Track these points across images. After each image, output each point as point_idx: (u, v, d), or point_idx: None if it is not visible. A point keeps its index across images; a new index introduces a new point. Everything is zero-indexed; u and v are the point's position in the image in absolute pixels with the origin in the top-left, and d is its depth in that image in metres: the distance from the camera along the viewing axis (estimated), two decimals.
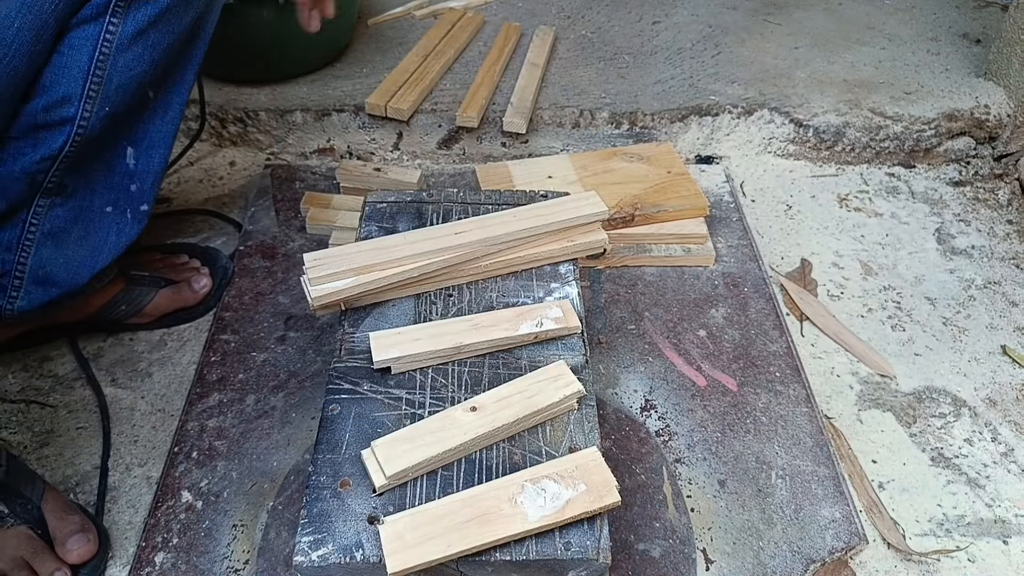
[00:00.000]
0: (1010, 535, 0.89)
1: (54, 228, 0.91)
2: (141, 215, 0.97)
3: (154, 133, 0.94)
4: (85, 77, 0.82)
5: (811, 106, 1.38)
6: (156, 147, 0.95)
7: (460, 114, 1.31)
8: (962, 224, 1.31)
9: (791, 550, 0.85)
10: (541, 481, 0.62)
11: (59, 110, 0.83)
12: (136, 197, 0.96)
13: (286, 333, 1.06)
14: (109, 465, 0.92)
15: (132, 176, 0.95)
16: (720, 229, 1.24)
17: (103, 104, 0.85)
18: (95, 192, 0.93)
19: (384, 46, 1.51)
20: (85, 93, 0.83)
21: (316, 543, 0.59)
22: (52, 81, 0.82)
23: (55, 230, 0.91)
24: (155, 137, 0.94)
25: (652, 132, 1.37)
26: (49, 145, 0.84)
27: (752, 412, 0.98)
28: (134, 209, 0.96)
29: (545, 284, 0.81)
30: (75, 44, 0.81)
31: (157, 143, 0.95)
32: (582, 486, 0.62)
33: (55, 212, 0.90)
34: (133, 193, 0.95)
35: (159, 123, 0.94)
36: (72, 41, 0.81)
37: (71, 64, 0.81)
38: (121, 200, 0.95)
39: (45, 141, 0.84)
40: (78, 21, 0.81)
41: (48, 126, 0.83)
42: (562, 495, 0.62)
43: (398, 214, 0.87)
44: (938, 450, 0.97)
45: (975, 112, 1.38)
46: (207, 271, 1.11)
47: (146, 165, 0.95)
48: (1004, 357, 1.09)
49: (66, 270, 0.93)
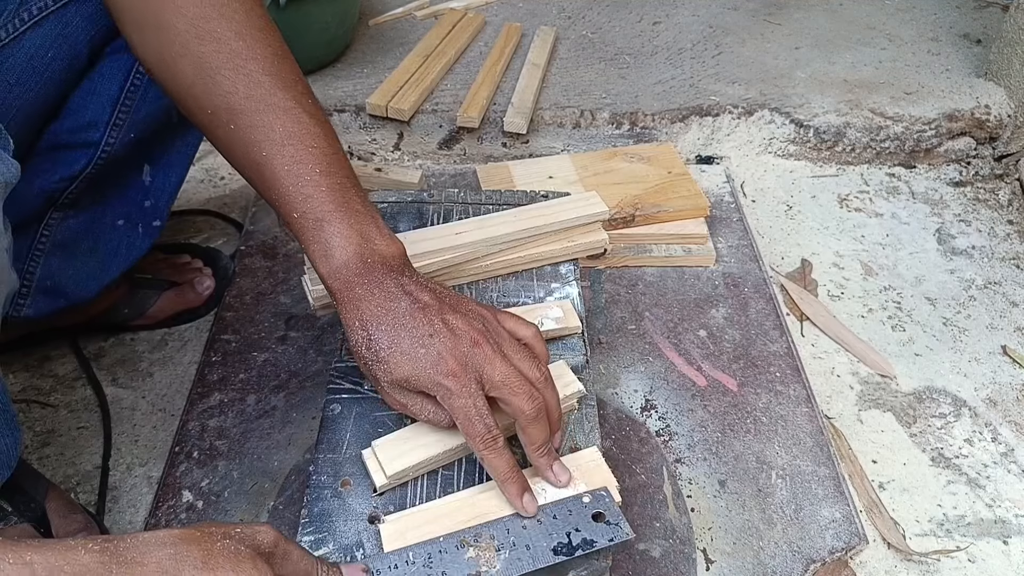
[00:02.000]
0: (1010, 535, 0.89)
1: (64, 239, 0.90)
2: (153, 230, 0.96)
3: (173, 153, 0.93)
4: (114, 105, 0.82)
5: (812, 106, 1.38)
6: (174, 166, 0.94)
7: (461, 114, 1.31)
8: (962, 224, 1.31)
9: (791, 550, 0.85)
10: (541, 481, 0.62)
11: (84, 134, 0.82)
12: (149, 213, 0.95)
13: (287, 333, 1.06)
14: (110, 465, 0.92)
15: (147, 193, 0.93)
16: (720, 229, 1.24)
17: (129, 131, 0.84)
18: (108, 206, 0.92)
19: (385, 46, 1.51)
20: (112, 120, 0.82)
21: (317, 543, 0.60)
22: (80, 105, 0.81)
23: (65, 241, 0.90)
24: (174, 157, 0.94)
25: (653, 132, 1.37)
26: (70, 166, 0.84)
27: (752, 412, 0.98)
28: (146, 224, 0.95)
29: (546, 284, 0.82)
30: (106, 73, 0.81)
31: (176, 163, 0.94)
32: (582, 486, 0.62)
33: (67, 224, 0.89)
34: (147, 209, 0.94)
35: (179, 143, 0.93)
36: (104, 70, 0.81)
37: (101, 91, 0.81)
38: (134, 215, 0.94)
39: (66, 162, 0.83)
40: (112, 50, 0.80)
41: (71, 147, 0.83)
42: (562, 495, 0.62)
43: (399, 214, 0.87)
44: (938, 450, 0.98)
45: (976, 112, 1.38)
46: (210, 272, 1.11)
47: (162, 183, 0.94)
48: (1004, 357, 1.09)
49: (74, 281, 0.92)
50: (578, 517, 0.60)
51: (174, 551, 0.43)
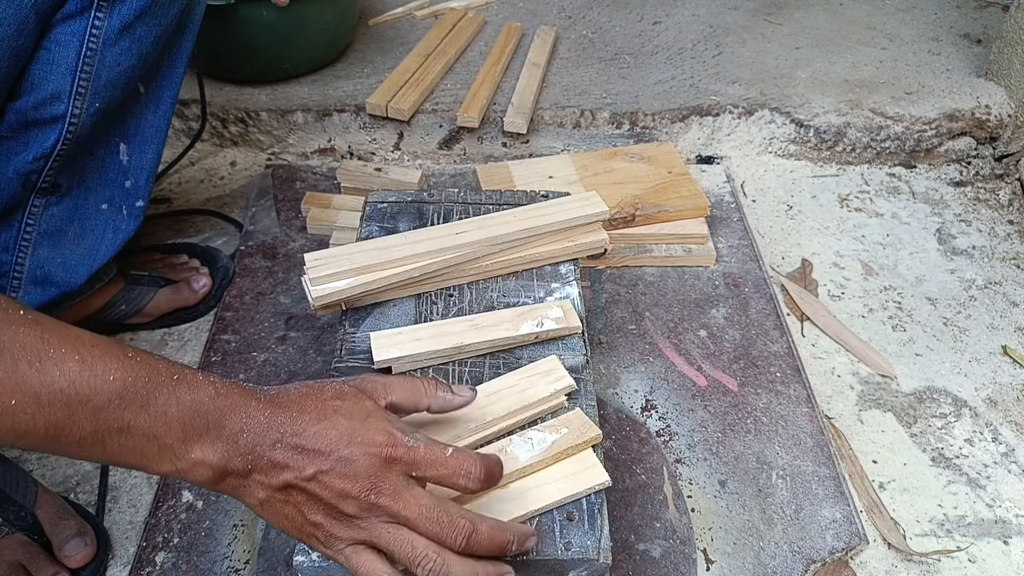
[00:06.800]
0: (1011, 535, 0.89)
1: (50, 228, 0.91)
2: (137, 211, 0.97)
3: (146, 128, 0.94)
4: (74, 73, 0.81)
5: (812, 106, 1.38)
6: (149, 142, 0.95)
7: (461, 114, 1.31)
8: (963, 224, 1.31)
9: (791, 550, 0.85)
10: (527, 432, 0.67)
11: (49, 107, 0.82)
12: (131, 193, 0.95)
13: (287, 333, 1.06)
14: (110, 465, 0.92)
15: (126, 172, 0.94)
16: (721, 229, 1.24)
17: (93, 100, 0.84)
18: (90, 190, 0.92)
19: (385, 46, 1.51)
20: (74, 89, 0.82)
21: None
22: (40, 78, 0.81)
23: (51, 230, 0.91)
24: (148, 132, 0.94)
25: (653, 132, 1.37)
26: (41, 144, 0.84)
27: (753, 412, 0.98)
28: (129, 206, 0.96)
29: (546, 284, 0.81)
30: (61, 40, 0.80)
31: (150, 138, 0.95)
32: (564, 430, 0.67)
33: (51, 212, 0.90)
34: (128, 189, 0.95)
35: (151, 118, 0.94)
36: (58, 37, 0.80)
37: (59, 60, 0.81)
38: (116, 197, 0.94)
39: (37, 139, 0.84)
40: (63, 17, 0.80)
41: (39, 124, 0.83)
42: (547, 439, 0.66)
43: (399, 214, 0.87)
44: (939, 450, 0.97)
45: (976, 112, 1.38)
46: (207, 271, 1.11)
47: (139, 161, 0.95)
48: (1005, 357, 1.09)
49: (64, 269, 0.93)
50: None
51: (307, 390, 0.56)
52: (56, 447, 0.48)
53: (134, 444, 0.50)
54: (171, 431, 0.50)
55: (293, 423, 0.53)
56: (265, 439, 0.53)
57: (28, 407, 0.46)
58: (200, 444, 0.51)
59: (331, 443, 0.53)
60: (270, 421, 0.53)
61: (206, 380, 0.53)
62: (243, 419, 0.53)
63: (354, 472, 0.53)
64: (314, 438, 0.53)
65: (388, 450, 0.54)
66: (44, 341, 0.47)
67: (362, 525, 0.54)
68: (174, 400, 0.51)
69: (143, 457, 0.51)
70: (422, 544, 0.54)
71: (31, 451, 0.59)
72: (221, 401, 0.53)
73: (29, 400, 0.46)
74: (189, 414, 0.51)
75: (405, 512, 0.53)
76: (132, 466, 0.52)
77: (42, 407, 0.46)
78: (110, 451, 0.50)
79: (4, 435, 0.47)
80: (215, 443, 0.52)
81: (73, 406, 0.47)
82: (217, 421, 0.52)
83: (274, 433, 0.53)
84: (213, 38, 1.24)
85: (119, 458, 0.51)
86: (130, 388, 0.49)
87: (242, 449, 0.52)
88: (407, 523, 0.54)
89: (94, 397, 0.48)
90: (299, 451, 0.53)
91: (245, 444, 0.52)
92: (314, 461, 0.53)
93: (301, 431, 0.53)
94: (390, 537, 0.54)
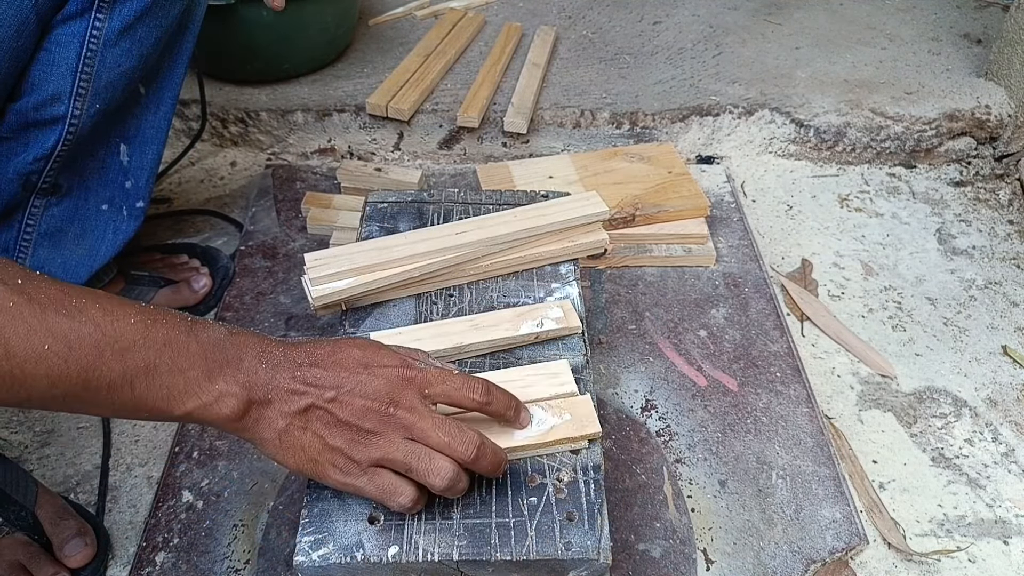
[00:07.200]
0: (1011, 535, 0.89)
1: (51, 228, 0.91)
2: (137, 212, 0.97)
3: (147, 129, 0.94)
4: (74, 74, 0.82)
5: (812, 106, 1.38)
6: (149, 143, 0.95)
7: (461, 114, 1.31)
8: (963, 224, 1.31)
9: (791, 550, 0.85)
10: (531, 407, 0.66)
11: (49, 108, 0.82)
12: (131, 194, 0.96)
13: (287, 333, 1.06)
14: (110, 465, 0.92)
15: (126, 173, 0.94)
16: (721, 229, 1.24)
17: (93, 101, 0.84)
18: (90, 190, 0.93)
19: (385, 46, 1.51)
20: (75, 90, 0.82)
21: (317, 543, 0.60)
22: (40, 79, 0.81)
23: (52, 230, 0.91)
24: (148, 133, 0.94)
25: (653, 132, 1.37)
26: (41, 144, 0.84)
27: (753, 412, 0.98)
28: (130, 206, 0.96)
29: (546, 284, 0.81)
30: (61, 41, 0.80)
31: (150, 139, 0.95)
32: (567, 415, 0.66)
33: (51, 212, 0.90)
34: (128, 190, 0.95)
35: (151, 118, 0.94)
36: (58, 38, 0.80)
37: (59, 61, 0.81)
38: (116, 198, 0.95)
39: (37, 140, 0.84)
40: (63, 18, 0.80)
41: (39, 124, 0.83)
42: (548, 420, 0.65)
43: (399, 214, 0.87)
44: (939, 450, 0.97)
45: (976, 112, 1.38)
46: (207, 271, 1.11)
47: (140, 161, 0.95)
48: (1005, 357, 1.09)
49: (64, 270, 0.93)
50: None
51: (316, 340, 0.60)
52: (87, 394, 0.50)
53: (160, 382, 0.52)
54: (195, 365, 0.53)
55: (308, 356, 0.57)
56: (283, 370, 0.56)
57: (61, 351, 0.48)
58: (223, 376, 0.54)
59: (348, 368, 0.57)
60: (285, 355, 0.57)
61: (219, 324, 0.57)
62: (259, 354, 0.56)
63: (373, 390, 0.56)
64: (332, 366, 0.57)
65: (403, 371, 0.58)
66: (65, 293, 0.50)
67: (380, 443, 0.56)
68: (193, 338, 0.54)
69: (169, 396, 0.53)
70: (438, 455, 0.57)
71: (58, 410, 0.60)
72: (237, 339, 0.56)
73: (61, 344, 0.48)
74: (210, 349, 0.54)
75: (421, 423, 0.57)
76: (157, 412, 0.53)
77: (73, 350, 0.48)
78: (138, 393, 0.52)
79: (39, 384, 0.48)
80: (236, 374, 0.55)
81: (101, 347, 0.50)
82: (236, 356, 0.55)
83: (291, 364, 0.56)
84: (213, 38, 1.24)
85: (146, 401, 0.52)
86: (151, 330, 0.52)
87: (262, 379, 0.55)
88: (422, 435, 0.57)
89: (120, 339, 0.50)
90: (317, 378, 0.56)
91: (264, 375, 0.55)
92: (333, 384, 0.56)
93: (318, 361, 0.57)
94: (407, 450, 0.56)
